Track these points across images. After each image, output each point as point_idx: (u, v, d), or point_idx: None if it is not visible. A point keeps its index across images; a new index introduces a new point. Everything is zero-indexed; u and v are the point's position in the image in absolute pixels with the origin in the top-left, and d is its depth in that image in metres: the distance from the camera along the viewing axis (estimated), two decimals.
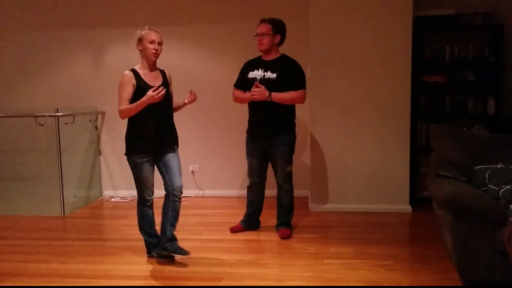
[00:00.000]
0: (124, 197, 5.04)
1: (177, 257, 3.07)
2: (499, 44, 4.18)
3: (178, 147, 3.16)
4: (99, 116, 5.08)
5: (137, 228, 3.76)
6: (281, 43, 3.51)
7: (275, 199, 3.67)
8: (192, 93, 3.08)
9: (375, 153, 4.17)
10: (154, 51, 2.96)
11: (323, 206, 4.26)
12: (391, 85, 4.09)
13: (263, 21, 3.47)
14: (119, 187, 5.17)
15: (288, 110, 3.49)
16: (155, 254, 3.10)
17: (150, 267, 2.97)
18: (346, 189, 4.23)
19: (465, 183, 2.71)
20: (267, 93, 3.35)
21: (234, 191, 5.00)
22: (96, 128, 5.10)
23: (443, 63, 4.34)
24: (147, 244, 3.15)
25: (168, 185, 3.04)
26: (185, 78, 4.84)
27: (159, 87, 2.84)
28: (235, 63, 4.86)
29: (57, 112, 4.32)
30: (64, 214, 4.37)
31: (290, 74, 3.42)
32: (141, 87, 2.91)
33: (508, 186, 2.58)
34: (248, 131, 3.63)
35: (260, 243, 3.39)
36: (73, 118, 4.50)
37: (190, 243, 3.43)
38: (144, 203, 3.08)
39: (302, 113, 4.75)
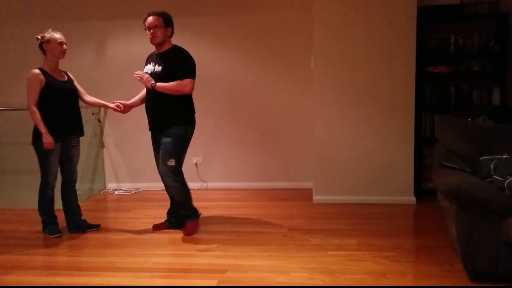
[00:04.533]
0: (127, 190, 5.05)
1: (183, 250, 3.12)
2: (505, 34, 4.13)
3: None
4: (102, 109, 5.07)
5: (141, 221, 3.80)
6: (171, 35, 3.43)
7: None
8: (119, 106, 3.55)
9: (379, 144, 4.15)
10: (63, 51, 3.49)
11: (327, 197, 4.25)
12: (395, 75, 4.05)
13: (152, 14, 3.34)
14: (122, 180, 5.18)
15: (178, 103, 3.35)
16: (47, 231, 3.49)
17: (154, 259, 2.97)
18: (350, 181, 4.22)
19: (470, 174, 2.70)
20: (151, 81, 3.29)
21: (238, 183, 5.00)
22: (99, 121, 5.10)
23: (448, 53, 4.30)
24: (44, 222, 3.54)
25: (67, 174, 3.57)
26: None
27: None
28: (237, 55, 4.87)
29: None
30: None
31: (175, 65, 3.32)
32: (50, 82, 3.39)
33: None
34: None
35: (264, 235, 3.39)
36: None
37: (194, 235, 3.44)
38: (48, 185, 3.46)
39: (305, 104, 4.74)
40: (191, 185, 4.96)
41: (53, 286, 2.61)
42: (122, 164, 5.16)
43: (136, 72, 3.35)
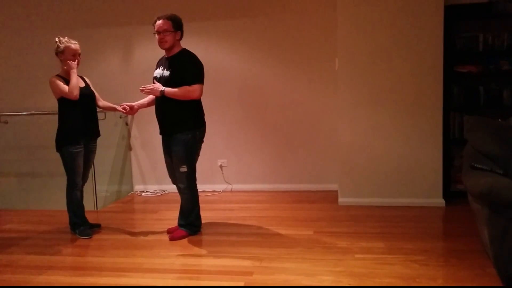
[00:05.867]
0: (154, 192, 5.12)
1: (209, 251, 3.15)
2: None
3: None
4: None
5: (168, 222, 3.85)
6: (180, 38, 3.40)
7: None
8: (125, 108, 3.56)
9: (407, 146, 4.08)
10: (77, 62, 3.47)
11: (353, 200, 4.21)
12: (422, 75, 3.99)
13: (161, 18, 3.30)
14: (149, 182, 5.26)
15: (185, 108, 3.33)
16: (78, 233, 3.60)
17: (181, 260, 3.00)
18: (376, 183, 4.16)
19: (502, 175, 2.62)
20: (160, 88, 3.27)
21: (263, 185, 5.01)
22: (127, 124, 5.19)
23: (477, 52, 4.21)
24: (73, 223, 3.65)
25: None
26: (210, 74, 4.86)
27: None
28: (260, 57, 4.88)
29: None
30: (97, 209, 4.48)
31: (183, 70, 3.30)
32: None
33: None
34: None
35: (290, 237, 3.38)
36: (105, 114, 4.58)
37: (219, 237, 3.46)
38: (76, 187, 3.58)
39: (329, 105, 4.72)
40: (216, 187, 5.05)
41: (83, 286, 2.67)
42: (149, 166, 5.24)
43: (142, 87, 3.32)
